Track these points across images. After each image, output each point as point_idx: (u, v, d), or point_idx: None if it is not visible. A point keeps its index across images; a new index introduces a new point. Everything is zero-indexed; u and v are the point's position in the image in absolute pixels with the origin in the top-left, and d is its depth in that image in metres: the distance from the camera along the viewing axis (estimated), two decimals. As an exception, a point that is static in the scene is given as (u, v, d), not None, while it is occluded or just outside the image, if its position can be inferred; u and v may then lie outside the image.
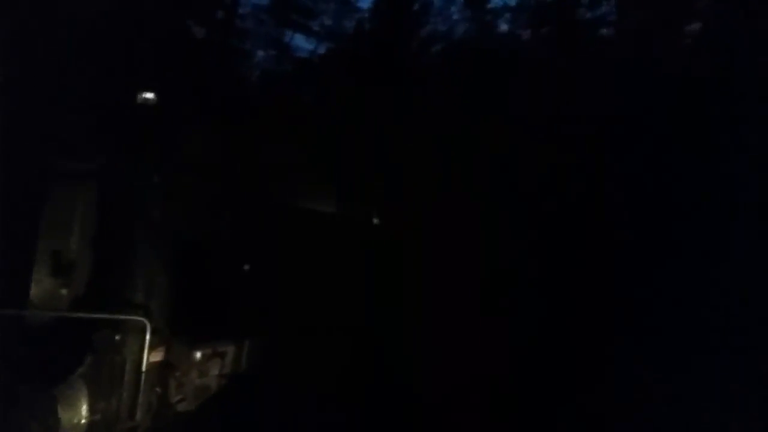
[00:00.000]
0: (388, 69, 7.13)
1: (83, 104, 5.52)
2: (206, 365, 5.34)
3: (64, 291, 4.45)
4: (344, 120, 6.54)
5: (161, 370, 4.81)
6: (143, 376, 4.46)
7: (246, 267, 5.87)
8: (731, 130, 4.94)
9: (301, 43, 8.45)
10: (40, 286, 4.39)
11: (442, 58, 7.63)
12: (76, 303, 4.44)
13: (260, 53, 8.10)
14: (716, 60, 5.38)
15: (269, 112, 6.77)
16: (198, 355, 5.23)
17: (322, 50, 8.28)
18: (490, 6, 7.85)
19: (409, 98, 6.34)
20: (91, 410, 4.08)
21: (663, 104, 5.29)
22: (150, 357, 4.52)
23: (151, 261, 4.72)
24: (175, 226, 4.97)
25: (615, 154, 5.36)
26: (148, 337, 4.43)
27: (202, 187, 5.56)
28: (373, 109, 6.36)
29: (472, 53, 6.59)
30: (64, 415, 3.87)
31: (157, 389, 4.78)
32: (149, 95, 6.60)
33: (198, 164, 5.55)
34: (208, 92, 6.50)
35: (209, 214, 5.67)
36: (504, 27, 7.74)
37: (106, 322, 4.35)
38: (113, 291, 4.52)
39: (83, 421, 4.04)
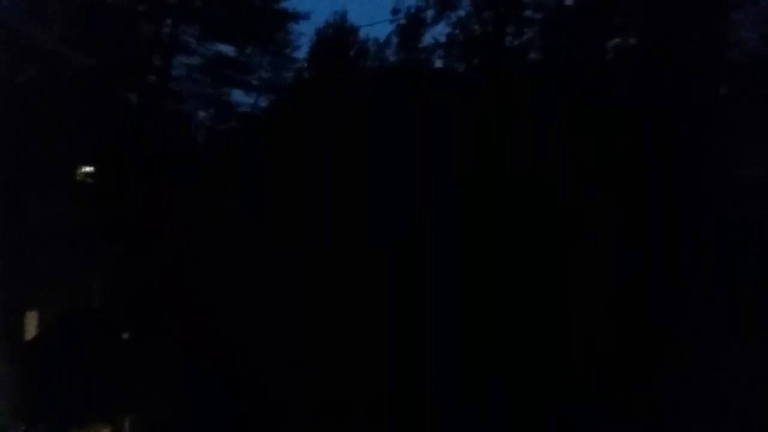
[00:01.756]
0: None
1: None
2: None
3: None
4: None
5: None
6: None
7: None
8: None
9: (241, 98, 8.47)
10: None
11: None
12: None
13: (201, 112, 8.08)
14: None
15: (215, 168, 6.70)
16: None
17: (264, 103, 8.32)
18: (422, 45, 8.13)
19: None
20: None
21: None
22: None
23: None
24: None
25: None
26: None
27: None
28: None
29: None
30: None
31: None
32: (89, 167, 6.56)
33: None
34: (149, 156, 6.43)
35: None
36: (438, 63, 8.01)
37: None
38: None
39: None
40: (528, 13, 7.27)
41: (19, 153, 5.26)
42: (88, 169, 6.26)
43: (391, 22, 8.14)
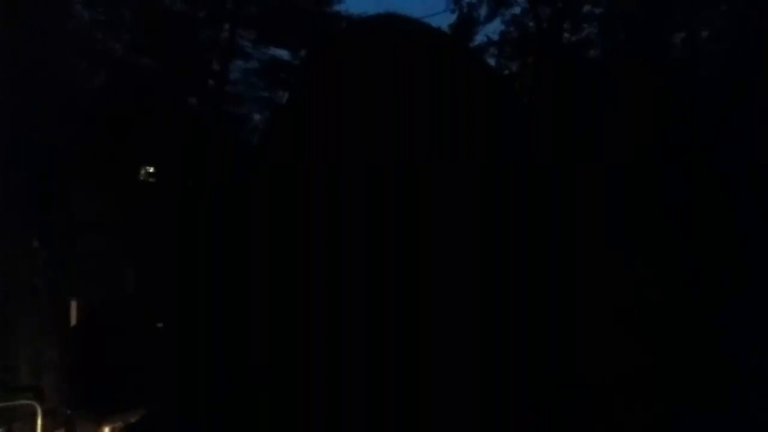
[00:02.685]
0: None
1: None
2: None
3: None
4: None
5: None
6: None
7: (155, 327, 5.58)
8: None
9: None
10: None
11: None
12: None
13: (256, 115, 8.22)
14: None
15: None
16: (106, 430, 4.70)
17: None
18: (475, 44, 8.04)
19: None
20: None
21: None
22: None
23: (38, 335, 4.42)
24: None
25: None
26: (39, 421, 3.80)
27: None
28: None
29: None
30: None
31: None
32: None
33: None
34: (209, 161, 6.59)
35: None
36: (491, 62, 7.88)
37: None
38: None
39: None
40: (587, 8, 7.08)
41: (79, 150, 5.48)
42: (148, 168, 6.50)
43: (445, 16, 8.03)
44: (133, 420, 4.80)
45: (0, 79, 4.48)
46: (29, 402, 3.90)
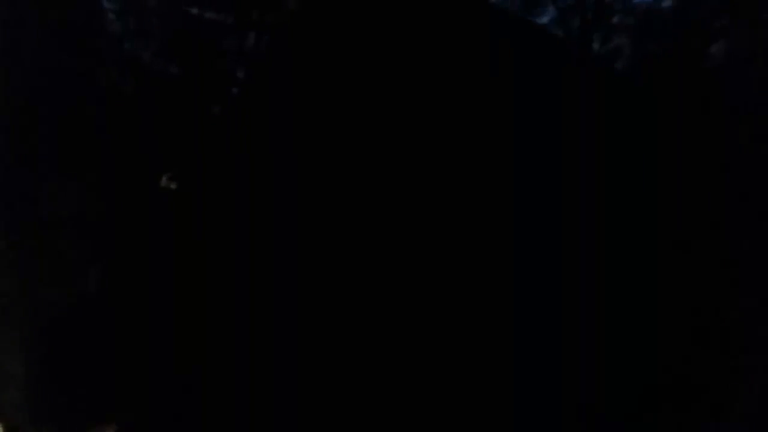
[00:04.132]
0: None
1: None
2: None
3: None
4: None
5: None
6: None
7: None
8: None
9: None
10: None
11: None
12: None
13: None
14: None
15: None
16: None
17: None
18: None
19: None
20: None
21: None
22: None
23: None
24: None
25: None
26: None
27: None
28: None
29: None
30: None
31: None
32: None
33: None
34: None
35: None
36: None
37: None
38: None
39: None
40: (617, 18, 6.83)
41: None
42: (167, 174, 6.61)
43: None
44: None
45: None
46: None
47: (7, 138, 4.65)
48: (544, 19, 7.59)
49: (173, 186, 7.09)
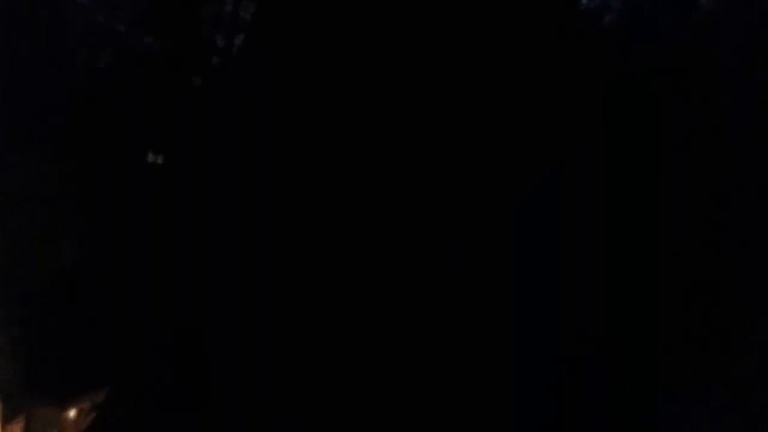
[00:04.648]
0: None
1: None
2: (87, 420, 4.44)
3: None
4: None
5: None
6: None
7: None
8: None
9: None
10: None
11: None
12: None
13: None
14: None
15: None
16: (72, 413, 4.36)
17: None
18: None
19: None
20: None
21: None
22: (7, 432, 3.63)
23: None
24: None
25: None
26: (-1, 409, 3.48)
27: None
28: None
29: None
30: None
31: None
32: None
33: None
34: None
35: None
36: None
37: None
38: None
39: None
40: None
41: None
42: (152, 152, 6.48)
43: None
44: (101, 399, 4.42)
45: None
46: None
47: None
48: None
49: (158, 161, 6.99)
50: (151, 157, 6.62)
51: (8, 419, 3.90)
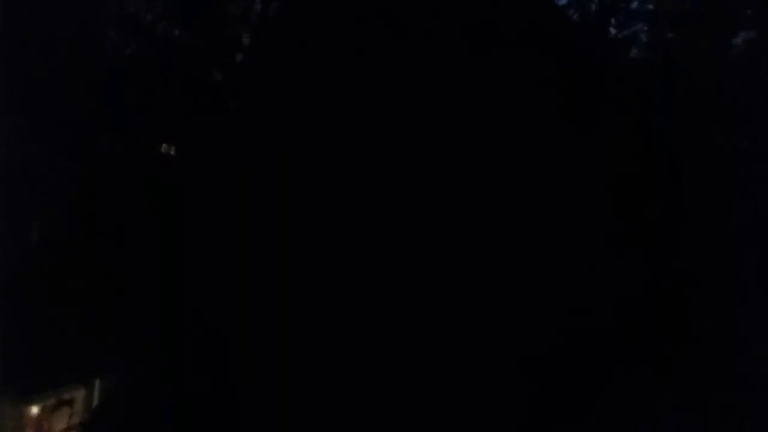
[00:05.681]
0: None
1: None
2: (51, 418, 4.38)
3: None
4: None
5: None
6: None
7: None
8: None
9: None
10: None
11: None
12: None
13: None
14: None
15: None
16: (34, 410, 4.28)
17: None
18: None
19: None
20: None
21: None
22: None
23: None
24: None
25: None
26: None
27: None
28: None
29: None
30: None
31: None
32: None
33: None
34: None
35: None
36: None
37: None
38: None
39: None
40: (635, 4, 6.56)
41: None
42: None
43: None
44: (67, 396, 4.24)
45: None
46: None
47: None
48: (563, 2, 7.32)
49: (172, 152, 7.06)
50: (164, 148, 6.71)
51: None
